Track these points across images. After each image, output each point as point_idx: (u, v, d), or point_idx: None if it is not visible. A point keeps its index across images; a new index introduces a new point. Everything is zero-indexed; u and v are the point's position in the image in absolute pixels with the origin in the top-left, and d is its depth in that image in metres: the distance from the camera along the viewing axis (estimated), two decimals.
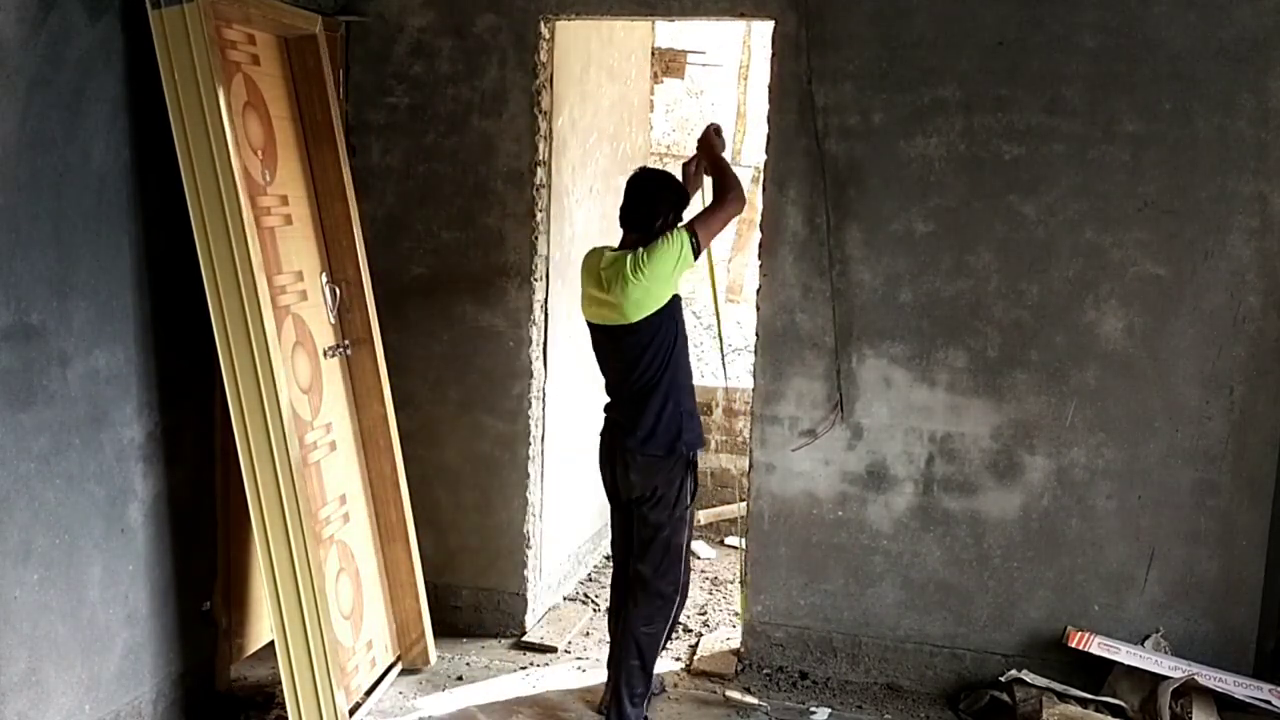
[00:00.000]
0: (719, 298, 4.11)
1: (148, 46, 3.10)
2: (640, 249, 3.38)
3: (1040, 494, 3.82)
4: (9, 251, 2.76)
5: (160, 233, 3.28)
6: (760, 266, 3.97)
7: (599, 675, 4.02)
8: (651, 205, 3.46)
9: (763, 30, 10.24)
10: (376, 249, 4.13)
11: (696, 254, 3.41)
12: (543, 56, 4.08)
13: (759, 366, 4.00)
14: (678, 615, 3.72)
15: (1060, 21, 3.63)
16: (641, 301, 3.37)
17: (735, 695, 3.89)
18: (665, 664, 4.20)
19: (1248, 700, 3.54)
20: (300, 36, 3.73)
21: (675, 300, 3.46)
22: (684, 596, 3.71)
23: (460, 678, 3.99)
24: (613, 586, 3.80)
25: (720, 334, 4.06)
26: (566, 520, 4.76)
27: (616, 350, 3.50)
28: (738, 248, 11.38)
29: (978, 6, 3.68)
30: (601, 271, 3.44)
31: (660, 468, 3.47)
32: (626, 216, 3.51)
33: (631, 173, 3.61)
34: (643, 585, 3.55)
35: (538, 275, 4.18)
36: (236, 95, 3.36)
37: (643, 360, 3.44)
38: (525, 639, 4.30)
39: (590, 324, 3.56)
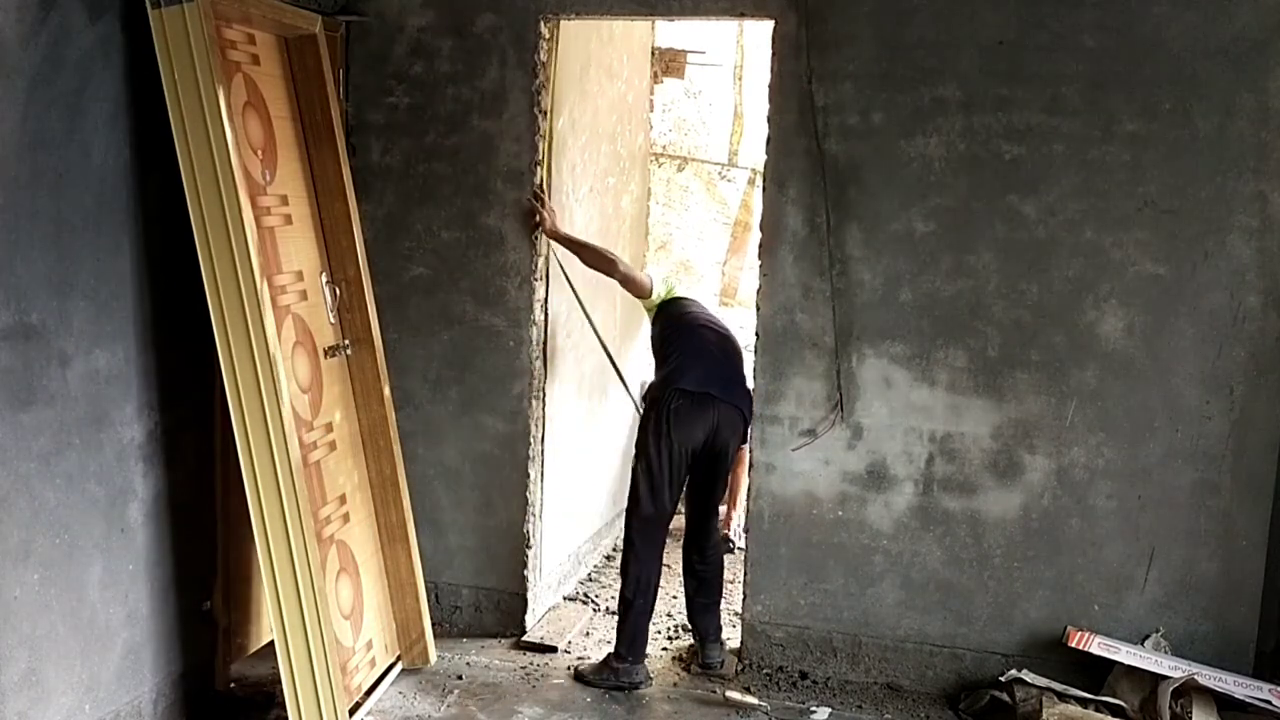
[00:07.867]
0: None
1: (148, 46, 3.10)
2: None
3: (1040, 494, 3.82)
4: (9, 251, 2.75)
5: (160, 233, 3.28)
6: (760, 266, 3.97)
7: None
8: None
9: (757, 30, 10.26)
10: (376, 249, 4.13)
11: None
12: (542, 56, 4.08)
13: (759, 366, 4.00)
14: None
15: (1060, 21, 3.63)
16: None
17: (735, 695, 3.88)
18: (666, 663, 4.21)
19: (1248, 700, 3.54)
20: (300, 36, 3.73)
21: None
22: None
23: (460, 677, 3.98)
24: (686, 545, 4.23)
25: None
26: (566, 520, 4.75)
27: None
28: (733, 250, 11.34)
29: (978, 6, 3.68)
30: None
31: None
32: None
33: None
34: (715, 516, 4.26)
35: (538, 275, 4.18)
36: (236, 95, 3.36)
37: None
38: (525, 639, 4.29)
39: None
